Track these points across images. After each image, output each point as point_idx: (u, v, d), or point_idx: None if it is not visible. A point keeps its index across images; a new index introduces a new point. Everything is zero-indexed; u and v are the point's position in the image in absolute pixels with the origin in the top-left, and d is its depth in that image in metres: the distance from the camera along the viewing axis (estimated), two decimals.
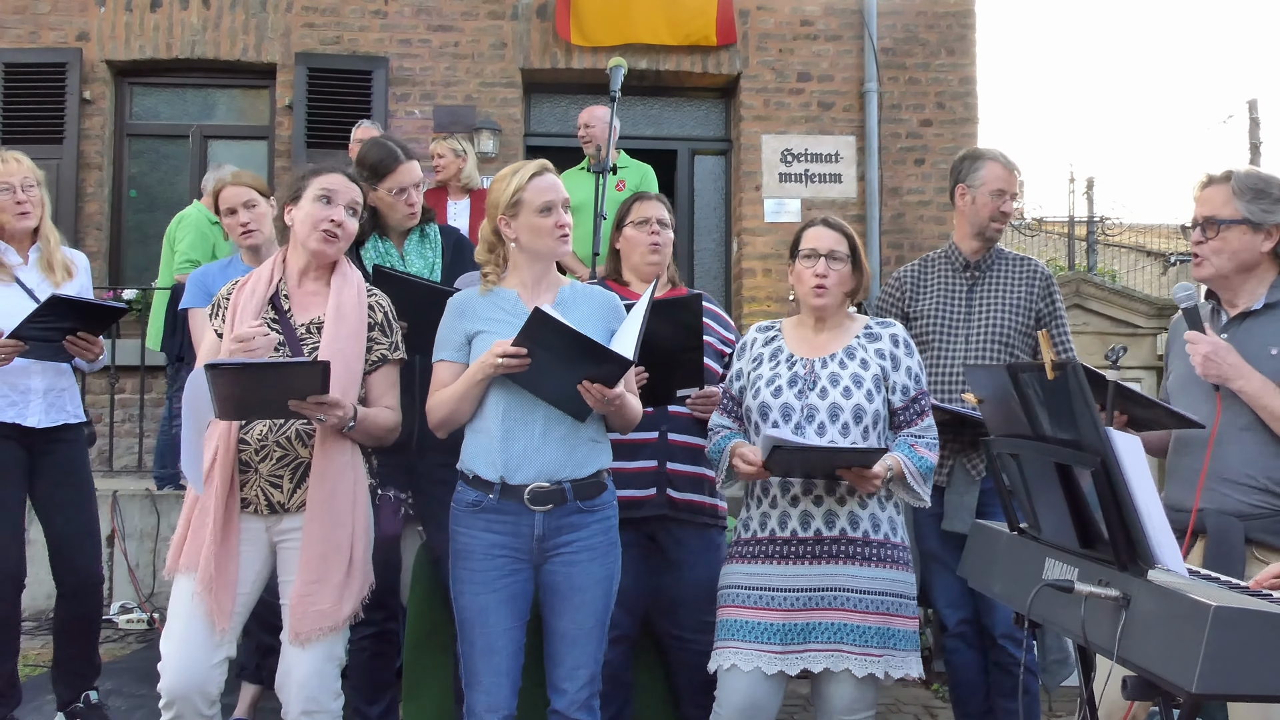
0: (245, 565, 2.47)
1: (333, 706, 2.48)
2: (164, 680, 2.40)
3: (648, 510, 2.84)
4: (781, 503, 2.55)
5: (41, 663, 4.32)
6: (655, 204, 3.08)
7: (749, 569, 2.55)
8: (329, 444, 2.45)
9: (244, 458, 2.48)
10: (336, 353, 2.47)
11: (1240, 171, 2.46)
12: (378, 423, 2.55)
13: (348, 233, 2.58)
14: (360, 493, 2.51)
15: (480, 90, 6.84)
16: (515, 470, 2.41)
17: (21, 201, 3.36)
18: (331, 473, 2.45)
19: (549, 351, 2.32)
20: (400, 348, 2.65)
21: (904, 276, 3.43)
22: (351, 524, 2.47)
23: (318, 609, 2.41)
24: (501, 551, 2.43)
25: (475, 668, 2.42)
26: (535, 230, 2.49)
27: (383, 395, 2.61)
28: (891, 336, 2.64)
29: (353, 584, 2.47)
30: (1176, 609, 1.52)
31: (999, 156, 3.31)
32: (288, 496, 2.47)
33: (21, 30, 6.61)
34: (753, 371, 2.66)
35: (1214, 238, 2.43)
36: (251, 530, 2.49)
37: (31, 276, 3.38)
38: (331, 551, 2.44)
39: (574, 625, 2.45)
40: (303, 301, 2.59)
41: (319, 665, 2.44)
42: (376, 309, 2.61)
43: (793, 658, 2.47)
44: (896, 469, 2.50)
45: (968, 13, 7.17)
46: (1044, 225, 13.40)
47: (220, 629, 2.40)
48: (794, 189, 6.91)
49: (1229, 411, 2.37)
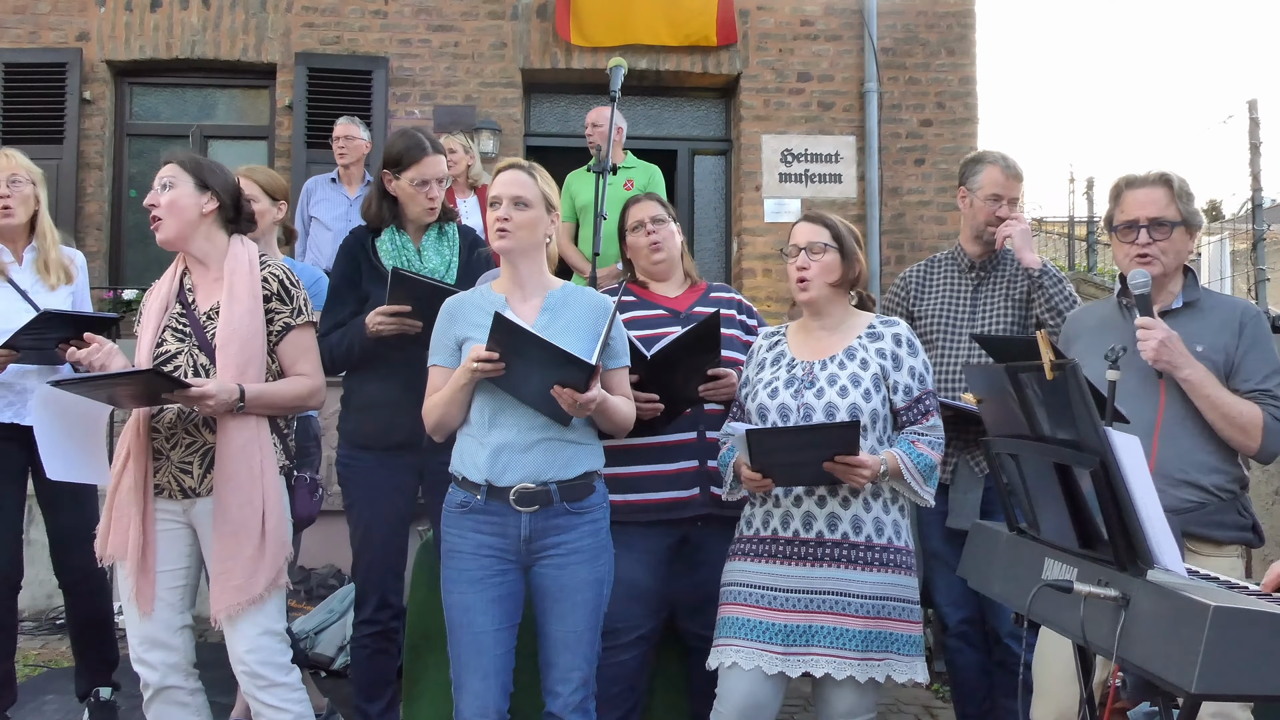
0: (167, 546, 2.57)
1: (282, 679, 2.56)
2: (134, 661, 2.57)
3: (693, 510, 2.83)
4: (784, 502, 2.54)
5: (41, 662, 4.32)
6: (646, 204, 3.08)
7: (751, 566, 2.54)
8: (228, 426, 2.53)
9: (155, 445, 2.57)
10: (231, 334, 2.56)
11: (1174, 174, 2.57)
12: (283, 393, 2.62)
13: (163, 207, 2.58)
14: (268, 470, 2.56)
15: (480, 90, 6.84)
16: (501, 472, 2.41)
17: (5, 196, 3.30)
18: (231, 454, 2.52)
19: (518, 356, 2.33)
20: (304, 311, 2.69)
21: (909, 277, 3.45)
22: (261, 502, 2.52)
23: (234, 584, 2.49)
24: (489, 552, 2.43)
25: (462, 669, 2.42)
26: (491, 226, 2.54)
27: (295, 362, 2.68)
28: (894, 336, 2.62)
29: (265, 558, 2.52)
30: (1176, 609, 1.51)
31: (999, 160, 3.30)
32: (198, 482, 2.55)
33: (21, 30, 6.61)
34: (755, 376, 2.66)
35: (1164, 239, 2.53)
36: (169, 512, 2.59)
37: (25, 277, 3.35)
38: (240, 530, 2.51)
39: (565, 628, 2.45)
40: (206, 290, 2.66)
41: (254, 639, 2.54)
42: (271, 280, 2.65)
43: (794, 660, 2.45)
44: (891, 464, 2.47)
45: (968, 13, 7.16)
46: (1044, 225, 13.39)
47: (144, 612, 2.52)
48: (794, 189, 6.90)
49: (1169, 406, 2.45)
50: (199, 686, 2.62)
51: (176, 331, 2.61)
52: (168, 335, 2.60)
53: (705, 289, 3.11)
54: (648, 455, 2.85)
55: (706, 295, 3.08)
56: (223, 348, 2.55)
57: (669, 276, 3.07)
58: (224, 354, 2.54)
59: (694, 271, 3.16)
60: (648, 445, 2.84)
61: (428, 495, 3.11)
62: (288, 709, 2.55)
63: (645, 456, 2.85)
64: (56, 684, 3.98)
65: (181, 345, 2.58)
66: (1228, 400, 2.42)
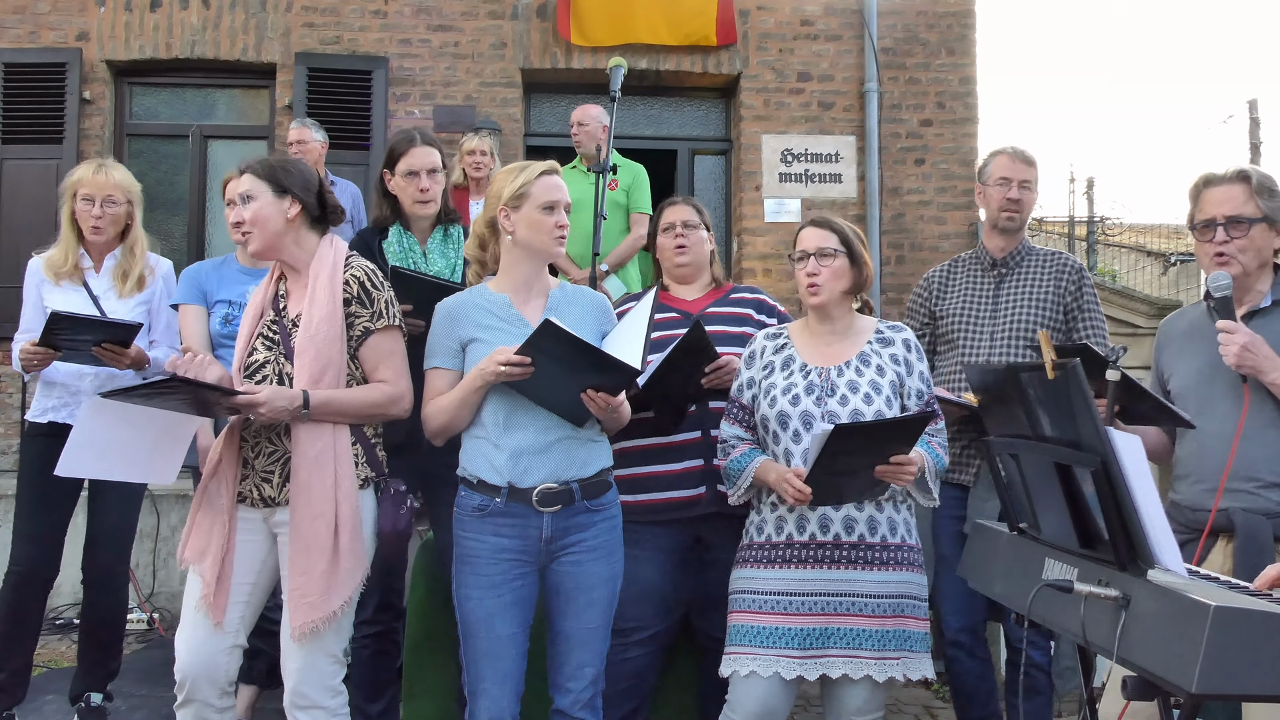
0: (246, 556, 2.49)
1: (326, 702, 2.44)
2: (177, 666, 2.45)
3: (700, 509, 2.83)
4: (799, 506, 2.52)
5: (41, 662, 4.32)
6: (679, 208, 3.10)
7: (764, 573, 2.53)
8: (300, 436, 2.44)
9: (242, 453, 2.51)
10: (308, 340, 2.47)
11: (1254, 169, 2.49)
12: (356, 400, 2.49)
13: (249, 222, 2.54)
14: (344, 482, 2.44)
15: (480, 90, 6.83)
16: (523, 474, 2.40)
17: (99, 216, 3.41)
18: (305, 465, 2.42)
19: (555, 361, 2.32)
20: (385, 314, 2.54)
21: (933, 277, 3.49)
22: (333, 515, 2.41)
23: (307, 601, 2.40)
24: (508, 555, 2.42)
25: (479, 674, 2.40)
26: (535, 226, 2.48)
27: (376, 368, 2.54)
28: (904, 341, 2.63)
29: (339, 575, 2.41)
30: (1176, 609, 1.51)
31: (1006, 149, 3.38)
32: (277, 491, 2.48)
33: (21, 30, 6.60)
34: (764, 380, 2.63)
35: (1241, 236, 2.44)
36: (250, 521, 2.51)
37: (101, 283, 3.44)
38: (312, 543, 2.40)
39: (579, 625, 2.45)
40: (297, 295, 2.59)
41: (308, 658, 2.43)
42: (352, 283, 2.53)
43: (811, 663, 2.45)
44: (922, 464, 2.49)
45: (968, 13, 7.16)
46: (1044, 225, 13.41)
47: (215, 621, 2.42)
48: (794, 189, 6.90)
49: (1255, 408, 2.36)
50: (230, 705, 2.51)
51: (267, 340, 2.55)
52: (259, 344, 2.54)
53: (727, 291, 3.12)
54: (653, 456, 2.85)
55: (727, 297, 3.09)
56: (300, 355, 2.46)
57: (693, 280, 3.09)
58: (300, 361, 2.46)
59: (721, 275, 3.17)
60: (653, 446, 2.85)
61: (428, 498, 3.12)
62: None
63: (651, 457, 2.85)
64: (56, 684, 3.99)
65: (270, 354, 2.51)
66: None
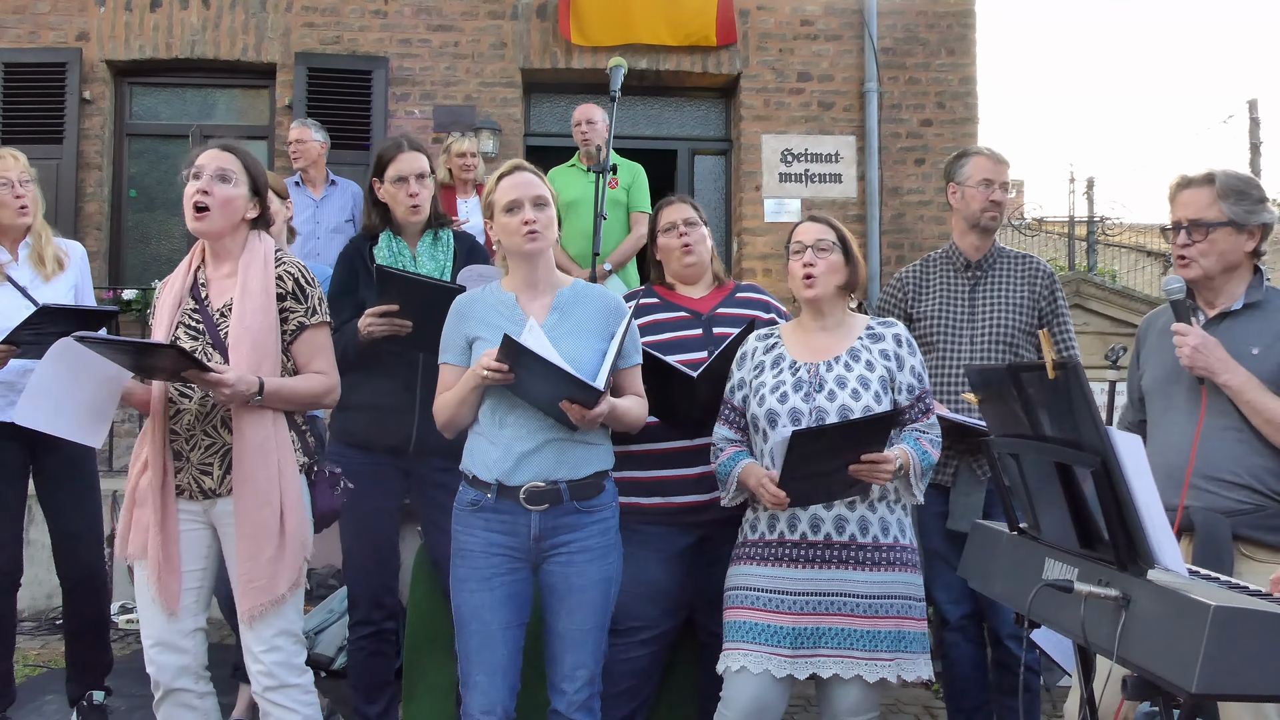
0: (189, 545, 2.54)
1: (295, 680, 2.53)
2: (146, 661, 2.53)
3: (713, 513, 2.81)
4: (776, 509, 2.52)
5: (41, 662, 4.32)
6: (679, 207, 3.08)
7: (758, 570, 2.53)
8: (245, 424, 2.49)
9: (175, 447, 2.54)
10: (243, 331, 2.52)
11: (1222, 173, 2.49)
12: (300, 390, 2.58)
13: (218, 200, 2.54)
14: (286, 468, 2.51)
15: (480, 90, 6.83)
16: (512, 471, 2.41)
17: (20, 196, 3.37)
18: (249, 453, 2.48)
19: (527, 372, 2.34)
20: (319, 310, 2.63)
21: (905, 277, 3.44)
22: (278, 501, 2.49)
23: (255, 586, 2.47)
24: (499, 550, 2.43)
25: (470, 665, 2.42)
26: (504, 229, 2.53)
27: (310, 361, 2.63)
28: (895, 336, 2.63)
29: (285, 559, 2.49)
30: (1176, 609, 1.51)
31: (983, 150, 3.38)
32: (218, 483, 2.52)
33: (21, 30, 6.60)
34: (754, 379, 2.63)
35: (1201, 240, 2.46)
36: (190, 512, 2.55)
37: (23, 273, 3.39)
38: (259, 530, 2.47)
39: (572, 626, 2.45)
40: (219, 286, 2.62)
41: (271, 639, 2.50)
42: (286, 278, 2.60)
43: (803, 662, 2.45)
44: (905, 461, 2.47)
45: (968, 13, 7.16)
46: (1044, 225, 13.38)
47: (169, 611, 2.49)
48: (794, 189, 6.90)
49: (1213, 409, 2.40)
50: (209, 690, 2.58)
51: (190, 329, 2.57)
52: (181, 332, 2.56)
53: (732, 289, 3.11)
54: (670, 460, 2.85)
55: (733, 295, 3.08)
56: (235, 346, 2.51)
57: (699, 279, 3.08)
58: (236, 352, 2.50)
59: (721, 272, 3.16)
60: (672, 450, 2.85)
61: (414, 499, 3.12)
62: (297, 710, 2.52)
63: (667, 461, 2.86)
64: (56, 684, 3.98)
65: (195, 343, 2.54)
66: (1271, 405, 2.34)
